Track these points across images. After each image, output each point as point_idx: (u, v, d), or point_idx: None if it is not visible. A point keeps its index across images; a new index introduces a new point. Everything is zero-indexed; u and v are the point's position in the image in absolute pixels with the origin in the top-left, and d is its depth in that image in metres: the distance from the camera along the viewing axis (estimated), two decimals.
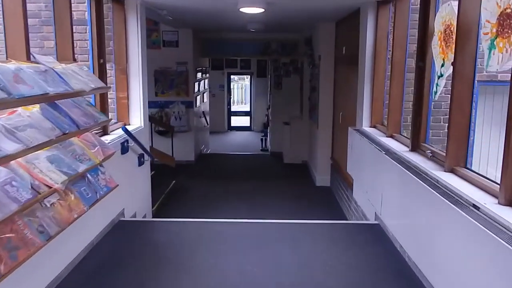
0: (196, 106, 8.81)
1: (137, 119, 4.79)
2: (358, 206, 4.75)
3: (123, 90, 4.72)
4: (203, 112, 9.55)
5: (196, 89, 8.78)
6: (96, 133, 3.90)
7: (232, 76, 15.06)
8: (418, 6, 4.63)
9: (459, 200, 2.35)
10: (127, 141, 4.26)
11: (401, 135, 3.99)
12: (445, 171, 2.79)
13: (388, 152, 3.62)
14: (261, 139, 11.67)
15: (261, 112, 14.20)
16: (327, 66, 6.72)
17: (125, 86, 4.71)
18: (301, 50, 8.75)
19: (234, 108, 15.35)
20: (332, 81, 6.73)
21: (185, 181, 7.28)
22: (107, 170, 3.30)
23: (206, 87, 10.26)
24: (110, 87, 3.61)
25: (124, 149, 4.20)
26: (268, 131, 10.83)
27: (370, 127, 4.71)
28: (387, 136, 4.08)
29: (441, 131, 4.49)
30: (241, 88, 20.35)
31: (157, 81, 8.41)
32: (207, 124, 10.06)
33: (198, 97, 9.14)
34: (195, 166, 8.57)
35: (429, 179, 2.79)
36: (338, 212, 5.72)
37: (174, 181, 6.85)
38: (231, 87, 15.13)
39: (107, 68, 4.87)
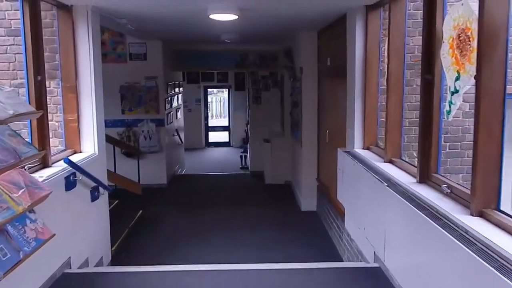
0: (168, 123, 8.08)
1: (90, 145, 4.04)
2: (352, 241, 4.09)
3: (72, 112, 3.98)
4: (176, 130, 8.82)
5: (168, 105, 8.06)
6: (32, 167, 3.16)
7: (209, 89, 14.38)
8: (414, 11, 4.16)
9: (505, 266, 1.71)
10: (74, 174, 3.51)
11: (403, 160, 3.37)
12: (472, 214, 2.16)
13: (391, 183, 2.99)
14: (241, 156, 10.99)
15: (240, 127, 13.55)
16: (309, 79, 6.12)
17: (74, 107, 3.98)
18: (281, 62, 8.16)
19: (212, 122, 14.64)
20: (316, 96, 6.12)
21: (154, 209, 6.51)
22: (40, 217, 2.57)
23: (180, 102, 9.55)
24: (41, 112, 2.87)
25: (70, 184, 3.46)
26: (248, 147, 10.17)
27: (363, 148, 4.09)
28: (385, 161, 3.45)
29: (460, 158, 3.87)
30: (219, 101, 19.75)
31: (124, 98, 7.66)
32: (182, 142, 9.32)
33: (171, 114, 8.41)
34: (168, 191, 7.80)
35: (453, 226, 2.15)
36: (328, 244, 5.05)
37: (141, 211, 6.08)
38: (209, 100, 14.43)
39: (54, 86, 4.17)
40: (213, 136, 14.21)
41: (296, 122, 6.79)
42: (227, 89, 14.06)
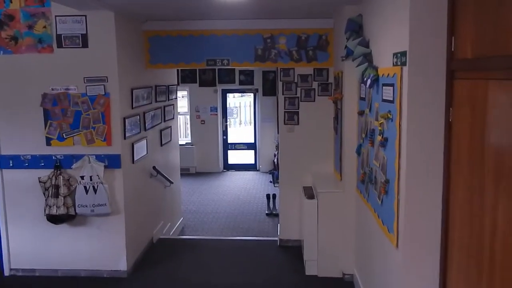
0: (134, 159, 4.58)
1: None
2: None
3: None
4: (154, 167, 5.27)
5: (133, 128, 4.55)
6: None
7: (230, 94, 10.87)
8: None
9: None
10: None
11: None
12: None
13: None
14: (267, 197, 7.39)
15: (270, 144, 9.95)
16: (422, 78, 2.41)
17: None
18: (338, 47, 4.50)
19: (232, 137, 11.10)
20: (442, 118, 2.41)
21: None
22: None
23: (171, 116, 6.05)
24: None
25: None
26: (277, 186, 6.55)
27: None
28: None
29: None
30: (248, 106, 16.33)
31: (49, 116, 4.23)
32: (170, 184, 5.80)
33: (145, 141, 4.91)
34: (129, 285, 4.31)
35: None
36: None
37: None
38: (228, 107, 10.90)
39: None
40: (234, 156, 10.67)
41: (372, 172, 3.13)
42: (252, 94, 10.47)
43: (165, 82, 5.74)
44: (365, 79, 3.13)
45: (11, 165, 4.31)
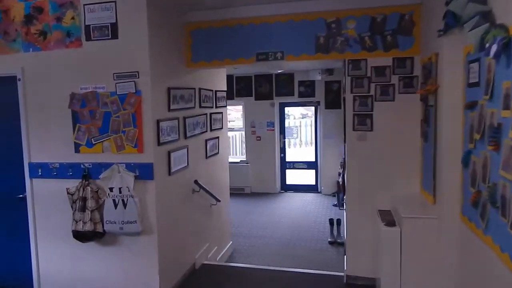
0: (171, 171, 3.93)
1: None
2: None
3: None
4: (196, 181, 4.59)
5: (167, 133, 3.92)
6: None
7: (288, 108, 10.13)
8: None
9: None
10: None
11: None
12: None
13: None
14: (330, 222, 6.43)
15: (333, 164, 9.00)
16: None
17: None
18: (429, 27, 3.63)
19: (290, 155, 10.29)
20: None
21: None
22: None
23: (219, 126, 5.41)
24: None
25: None
26: (343, 212, 5.63)
27: None
28: None
29: None
30: (309, 125, 15.51)
31: (77, 119, 3.72)
32: (216, 202, 5.09)
33: (185, 150, 4.27)
34: None
35: None
36: None
37: None
38: (287, 127, 10.14)
39: None
40: (293, 176, 9.82)
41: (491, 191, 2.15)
42: (313, 107, 9.64)
43: (212, 86, 5.12)
44: (487, 44, 2.17)
45: (40, 174, 3.85)
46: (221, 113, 5.47)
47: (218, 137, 5.33)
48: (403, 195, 3.93)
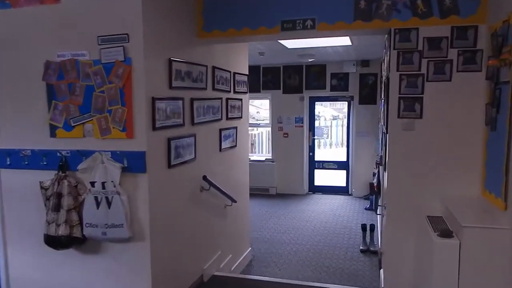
0: (169, 162, 3.14)
1: None
2: None
3: None
4: (205, 177, 3.78)
5: (166, 115, 3.13)
6: None
7: (319, 102, 9.21)
8: None
9: None
10: None
11: None
12: None
13: None
14: (363, 228, 5.54)
15: (367, 164, 8.06)
16: None
17: None
18: None
19: (319, 154, 9.38)
20: None
21: None
22: None
23: (238, 114, 4.61)
24: None
25: None
26: (379, 207, 4.71)
27: None
28: None
29: None
30: (340, 126, 14.58)
31: (53, 95, 2.99)
32: (231, 202, 4.28)
33: (186, 140, 3.47)
34: None
35: None
36: None
37: None
38: (318, 127, 9.22)
39: None
40: (322, 177, 8.92)
41: None
42: (346, 103, 8.69)
43: (230, 67, 4.32)
44: None
45: (8, 163, 3.14)
46: (241, 99, 4.65)
47: (236, 128, 4.52)
48: (459, 198, 3.07)
